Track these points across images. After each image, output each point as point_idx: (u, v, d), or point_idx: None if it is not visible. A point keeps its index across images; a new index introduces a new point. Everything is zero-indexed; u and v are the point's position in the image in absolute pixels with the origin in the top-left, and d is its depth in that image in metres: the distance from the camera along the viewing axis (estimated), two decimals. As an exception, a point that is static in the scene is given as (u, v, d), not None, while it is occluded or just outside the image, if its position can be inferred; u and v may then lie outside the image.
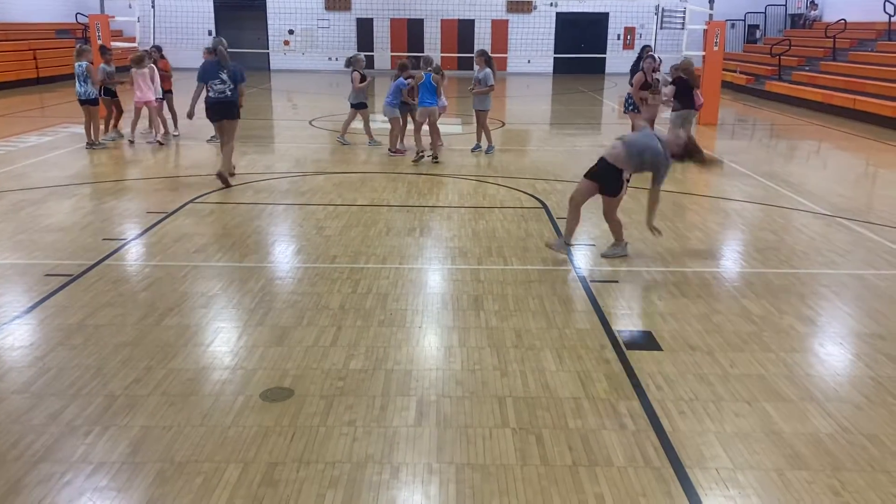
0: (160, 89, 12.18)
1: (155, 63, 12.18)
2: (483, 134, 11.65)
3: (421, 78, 10.75)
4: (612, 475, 3.37)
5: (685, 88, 10.74)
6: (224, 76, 8.86)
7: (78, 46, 11.81)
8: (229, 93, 8.91)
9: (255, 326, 4.93)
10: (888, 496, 3.24)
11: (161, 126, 12.20)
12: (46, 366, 4.34)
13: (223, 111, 8.97)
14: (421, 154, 10.73)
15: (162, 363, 4.38)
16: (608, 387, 4.18)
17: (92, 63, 11.49)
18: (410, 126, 11.48)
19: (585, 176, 6.38)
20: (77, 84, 11.28)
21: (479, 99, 11.35)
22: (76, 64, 11.30)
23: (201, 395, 4.03)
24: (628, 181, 6.34)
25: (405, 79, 11.14)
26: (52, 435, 3.62)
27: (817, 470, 3.42)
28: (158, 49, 12.96)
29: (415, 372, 4.34)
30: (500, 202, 8.46)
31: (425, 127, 10.90)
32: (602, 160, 6.30)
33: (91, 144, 11.48)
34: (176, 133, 12.72)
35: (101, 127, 11.90)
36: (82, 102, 11.36)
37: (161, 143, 11.88)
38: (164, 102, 12.47)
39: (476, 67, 11.32)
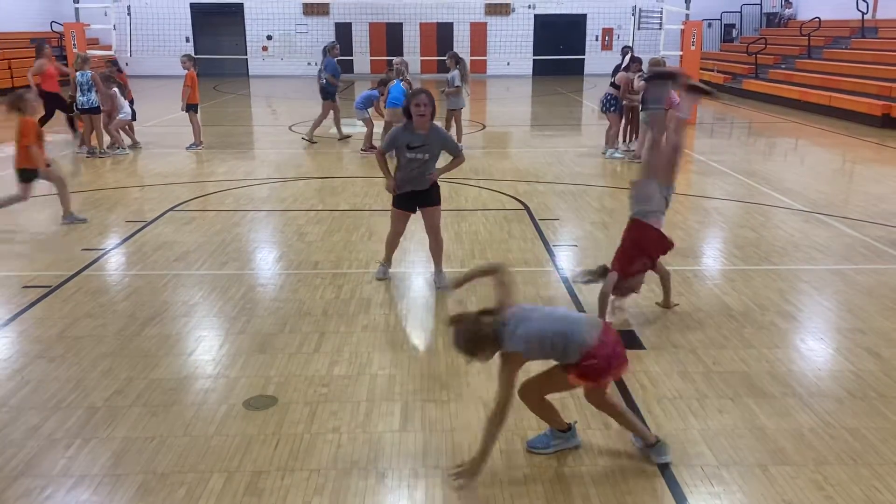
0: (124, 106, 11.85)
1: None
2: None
3: (393, 82, 11.07)
4: (598, 474, 3.37)
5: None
6: (319, 68, 12.88)
7: (80, 55, 11.62)
8: (324, 81, 12.70)
9: (237, 334, 4.90)
10: (870, 489, 3.27)
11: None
12: (25, 379, 4.28)
13: (320, 93, 12.94)
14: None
15: (143, 374, 4.33)
16: (592, 387, 4.18)
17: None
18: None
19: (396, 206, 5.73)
20: (79, 93, 11.14)
21: (449, 99, 11.80)
22: (79, 73, 11.15)
23: (184, 405, 3.99)
24: None
25: (380, 94, 11.62)
26: (32, 449, 3.57)
27: (800, 465, 3.45)
28: (114, 63, 12.86)
29: (399, 376, 4.32)
30: (483, 204, 8.47)
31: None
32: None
33: (92, 152, 11.35)
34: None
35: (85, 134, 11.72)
36: (84, 111, 11.24)
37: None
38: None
39: (449, 69, 11.73)
